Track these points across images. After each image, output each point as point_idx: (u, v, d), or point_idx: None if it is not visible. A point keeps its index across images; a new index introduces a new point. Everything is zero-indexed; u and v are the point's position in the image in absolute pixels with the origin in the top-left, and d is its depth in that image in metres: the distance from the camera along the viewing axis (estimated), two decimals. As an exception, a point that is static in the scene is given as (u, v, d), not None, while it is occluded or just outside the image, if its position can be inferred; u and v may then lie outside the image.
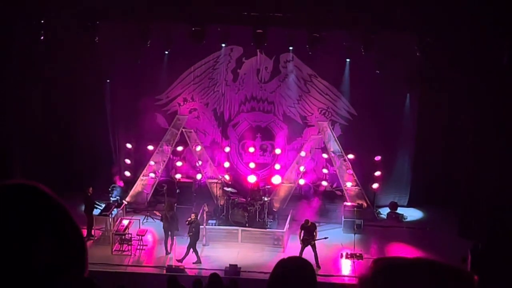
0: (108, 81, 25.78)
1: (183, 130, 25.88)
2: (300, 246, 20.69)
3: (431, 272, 1.97)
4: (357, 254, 21.38)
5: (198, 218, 21.63)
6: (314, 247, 20.54)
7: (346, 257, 21.27)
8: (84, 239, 1.90)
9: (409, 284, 1.93)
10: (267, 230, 22.83)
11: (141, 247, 21.49)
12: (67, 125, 25.37)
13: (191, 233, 20.62)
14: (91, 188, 22.74)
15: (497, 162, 21.24)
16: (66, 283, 1.79)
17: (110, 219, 22.40)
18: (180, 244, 21.32)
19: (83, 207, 22.31)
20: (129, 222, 22.56)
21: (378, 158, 25.32)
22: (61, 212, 1.85)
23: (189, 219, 20.95)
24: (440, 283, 1.93)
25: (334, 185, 26.00)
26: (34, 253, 1.73)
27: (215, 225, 22.71)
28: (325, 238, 21.00)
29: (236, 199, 23.64)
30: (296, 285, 3.89)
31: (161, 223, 22.13)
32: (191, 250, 20.60)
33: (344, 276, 20.50)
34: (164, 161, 25.85)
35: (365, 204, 24.60)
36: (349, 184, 25.12)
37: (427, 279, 1.94)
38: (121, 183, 25.74)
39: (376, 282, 1.97)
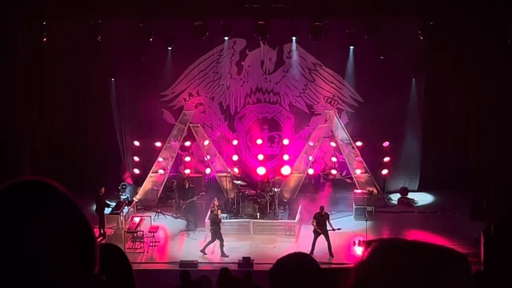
0: (112, 79, 25.80)
1: (190, 125, 25.89)
2: (312, 235, 20.69)
3: (425, 252, 2.00)
4: (370, 241, 21.31)
5: (209, 212, 21.72)
6: (327, 236, 20.53)
7: (359, 245, 21.24)
8: (94, 234, 1.89)
9: (403, 265, 1.95)
10: (279, 221, 22.83)
11: (153, 243, 21.53)
12: (73, 125, 25.36)
13: None
14: (103, 188, 22.79)
15: (508, 143, 21.14)
16: (74, 280, 1.78)
17: (122, 217, 22.41)
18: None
19: (94, 207, 22.33)
20: (141, 220, 22.57)
21: (386, 144, 25.32)
22: (71, 207, 1.85)
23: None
24: (434, 263, 1.96)
25: (344, 173, 26.00)
26: (42, 250, 1.73)
27: (226, 219, 22.71)
28: (339, 229, 20.95)
29: (246, 192, 23.63)
30: (301, 284, 3.79)
31: (172, 219, 23.14)
32: None
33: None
34: (173, 157, 25.87)
35: (375, 191, 24.57)
36: (358, 172, 25.09)
37: (421, 259, 1.97)
38: (131, 181, 25.78)
39: (372, 263, 1.99)
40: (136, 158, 26.38)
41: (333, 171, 25.87)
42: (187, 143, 26.16)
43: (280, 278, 3.80)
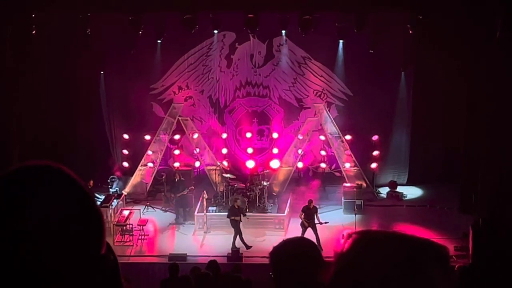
0: (102, 72, 25.74)
1: (179, 118, 25.86)
2: (301, 229, 20.72)
3: (404, 244, 2.02)
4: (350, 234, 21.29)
5: (198, 205, 21.68)
6: (315, 229, 20.54)
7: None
8: (101, 215, 1.91)
9: (383, 256, 1.97)
10: (268, 214, 22.84)
11: (142, 237, 21.51)
12: (63, 118, 25.28)
13: None
14: (91, 181, 22.77)
15: (495, 136, 21.19)
16: (83, 261, 1.79)
17: (111, 211, 22.36)
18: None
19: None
20: (130, 213, 22.51)
21: (375, 137, 25.36)
22: (77, 188, 1.86)
23: None
24: (413, 255, 1.98)
25: (333, 167, 26.01)
26: (48, 232, 1.74)
27: (215, 212, 22.70)
28: (326, 222, 20.99)
29: (235, 185, 23.65)
30: (303, 269, 3.83)
31: (161, 213, 23.04)
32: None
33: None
34: (162, 150, 25.84)
35: (364, 184, 24.61)
36: (347, 165, 25.13)
37: (401, 251, 1.98)
38: (120, 174, 25.74)
39: (352, 255, 2.01)
40: (125, 151, 26.34)
41: (322, 165, 25.88)
42: (177, 136, 26.14)
43: (280, 257, 3.95)
